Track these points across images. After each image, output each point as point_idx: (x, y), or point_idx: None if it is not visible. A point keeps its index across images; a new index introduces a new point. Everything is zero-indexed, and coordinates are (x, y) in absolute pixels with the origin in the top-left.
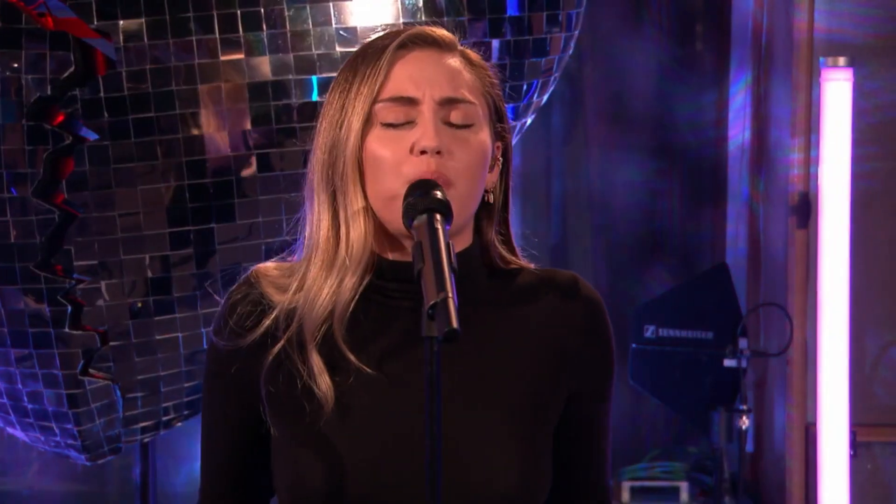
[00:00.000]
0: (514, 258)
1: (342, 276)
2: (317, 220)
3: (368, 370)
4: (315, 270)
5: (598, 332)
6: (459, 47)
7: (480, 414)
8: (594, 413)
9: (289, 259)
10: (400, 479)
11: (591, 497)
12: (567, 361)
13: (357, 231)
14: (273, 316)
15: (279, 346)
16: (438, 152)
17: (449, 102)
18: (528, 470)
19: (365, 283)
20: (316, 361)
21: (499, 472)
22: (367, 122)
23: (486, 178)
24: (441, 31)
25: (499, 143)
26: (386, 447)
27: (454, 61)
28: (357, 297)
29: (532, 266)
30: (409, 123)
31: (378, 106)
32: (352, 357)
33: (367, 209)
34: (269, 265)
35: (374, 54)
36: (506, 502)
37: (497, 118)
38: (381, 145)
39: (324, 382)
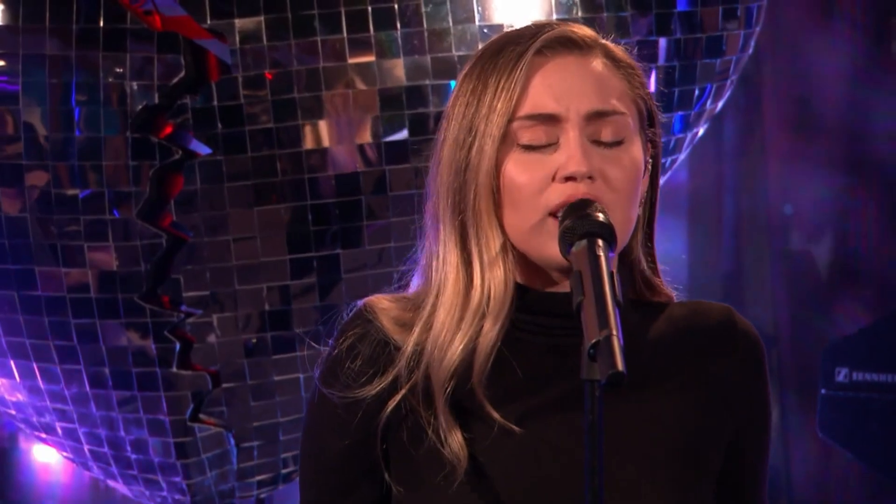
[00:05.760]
0: (658, 283)
1: (480, 324)
2: (443, 252)
3: (508, 423)
4: (443, 314)
5: (757, 374)
6: (601, 41)
7: (635, 462)
8: (754, 459)
9: (403, 290)
10: None
11: None
12: (725, 405)
13: (496, 273)
14: (403, 361)
15: (401, 394)
16: (590, 177)
17: (597, 116)
18: None
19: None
20: (446, 418)
21: None
22: (502, 141)
23: (640, 195)
24: (582, 30)
25: (648, 145)
26: None
27: (598, 64)
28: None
29: (673, 294)
30: (552, 145)
31: (515, 125)
32: (491, 409)
33: (505, 243)
34: (382, 298)
35: (508, 63)
36: None
37: (648, 122)
38: (520, 170)
39: (455, 442)
